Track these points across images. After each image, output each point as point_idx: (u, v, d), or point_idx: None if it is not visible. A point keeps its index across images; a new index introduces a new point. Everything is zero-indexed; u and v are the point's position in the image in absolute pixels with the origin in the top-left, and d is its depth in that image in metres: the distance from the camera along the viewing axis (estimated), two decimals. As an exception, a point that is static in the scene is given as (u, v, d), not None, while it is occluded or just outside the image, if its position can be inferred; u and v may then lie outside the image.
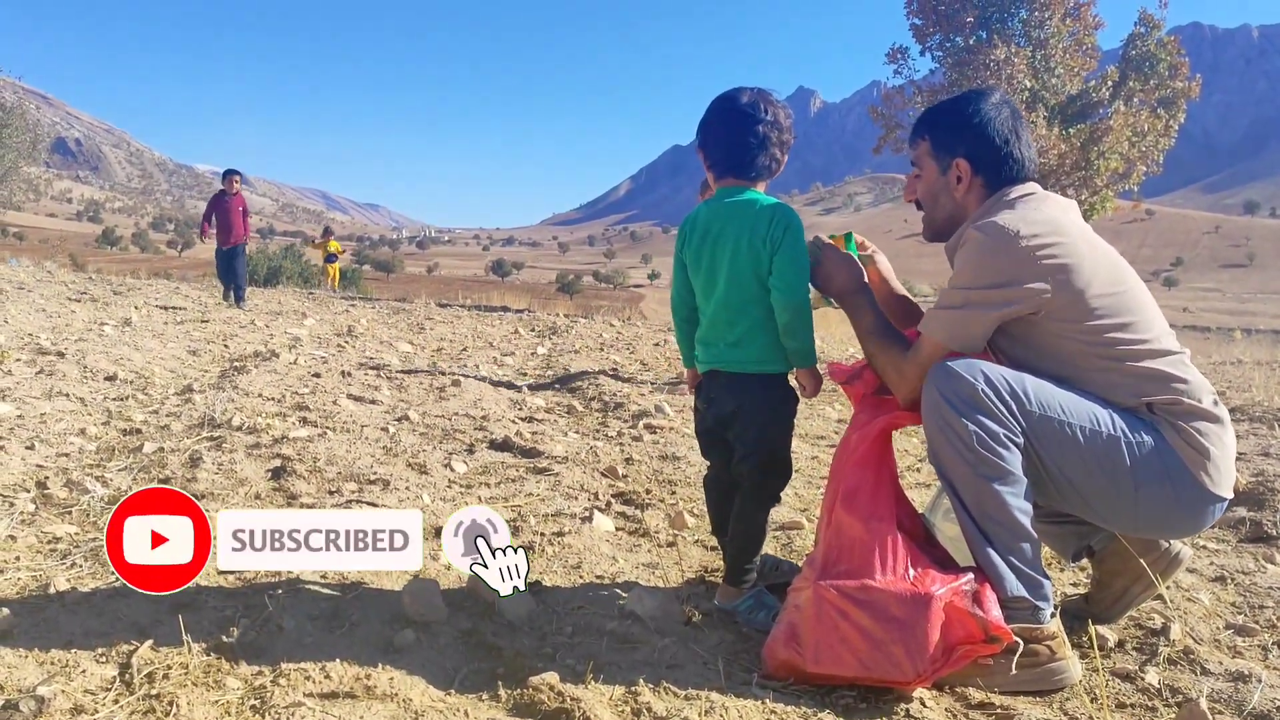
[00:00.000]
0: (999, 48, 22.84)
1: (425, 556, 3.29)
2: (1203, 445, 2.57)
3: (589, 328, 13.20)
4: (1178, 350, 2.68)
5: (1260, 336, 31.41)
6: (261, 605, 2.73)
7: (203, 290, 15.32)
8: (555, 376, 8.16)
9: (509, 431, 5.34)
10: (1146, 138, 23.38)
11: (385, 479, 4.23)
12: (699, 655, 2.64)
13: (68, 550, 3.18)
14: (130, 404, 5.55)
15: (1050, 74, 23.82)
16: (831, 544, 2.59)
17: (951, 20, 24.32)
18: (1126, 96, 23.93)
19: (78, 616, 2.60)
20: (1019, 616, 2.48)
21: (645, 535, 3.80)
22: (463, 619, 2.76)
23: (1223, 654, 2.81)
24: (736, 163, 2.95)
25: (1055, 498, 2.65)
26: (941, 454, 2.54)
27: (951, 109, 2.87)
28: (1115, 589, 2.97)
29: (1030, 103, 23.13)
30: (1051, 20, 23.94)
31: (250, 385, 5.97)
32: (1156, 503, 2.59)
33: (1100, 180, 23.39)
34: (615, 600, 2.99)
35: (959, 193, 2.82)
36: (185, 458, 4.35)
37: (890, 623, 2.41)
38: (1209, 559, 3.74)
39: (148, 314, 10.33)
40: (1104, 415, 2.56)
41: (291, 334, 9.62)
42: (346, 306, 14.52)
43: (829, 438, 6.17)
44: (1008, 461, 2.48)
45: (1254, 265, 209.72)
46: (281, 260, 41.95)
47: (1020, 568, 2.50)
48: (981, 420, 2.47)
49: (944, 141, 2.83)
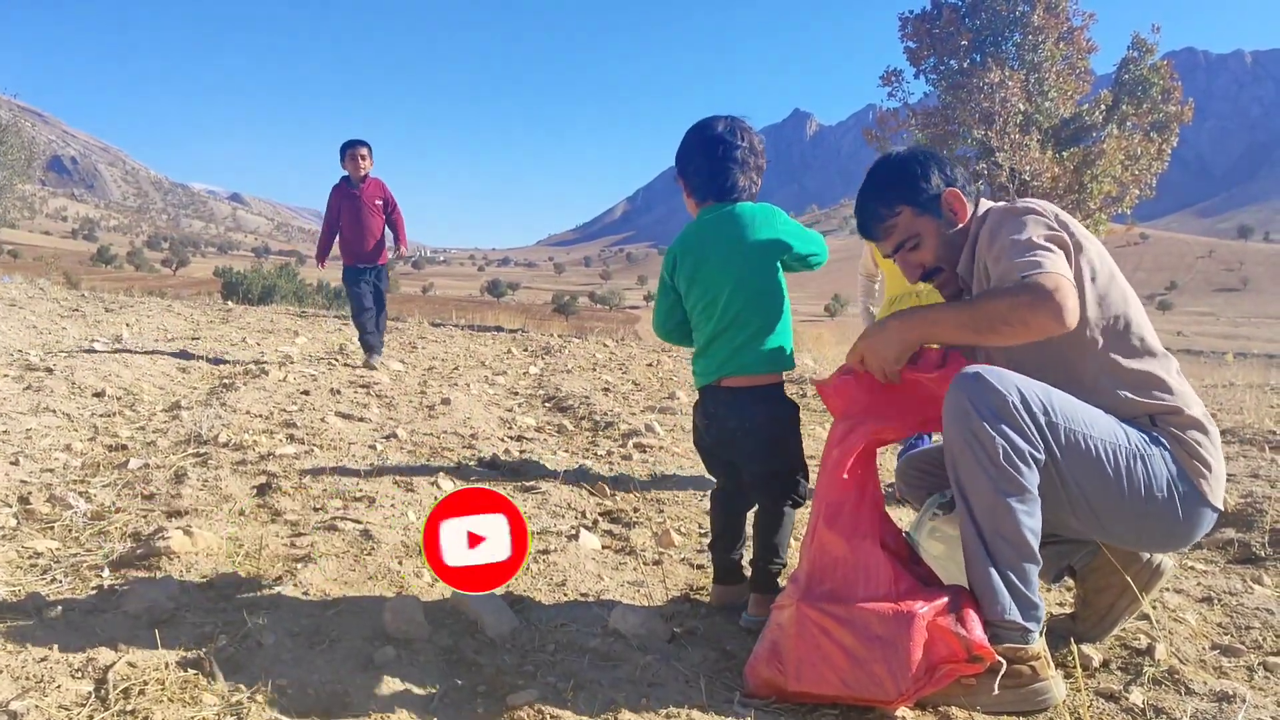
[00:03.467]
0: (993, 71, 22.97)
1: (410, 573, 3.28)
2: (1203, 456, 2.62)
3: (582, 348, 13.18)
4: (1165, 353, 2.72)
5: (1254, 360, 31.36)
6: (241, 621, 2.71)
7: (194, 308, 15.20)
8: (546, 395, 8.14)
9: (497, 450, 5.33)
10: (1139, 161, 23.52)
11: (371, 496, 4.22)
12: (681, 673, 2.62)
13: (48, 565, 3.16)
14: (117, 420, 5.53)
15: (1044, 97, 23.96)
16: (815, 562, 2.57)
17: (946, 43, 24.47)
18: (1120, 120, 24.07)
19: (55, 632, 2.58)
20: (1007, 637, 2.46)
21: (631, 553, 3.78)
22: (444, 636, 2.74)
23: (1208, 674, 2.80)
24: (719, 187, 3.07)
25: (1063, 513, 2.62)
26: (961, 463, 2.49)
27: (896, 170, 2.87)
28: (1100, 605, 2.96)
29: (1024, 126, 23.26)
30: (1045, 44, 24.10)
31: (238, 402, 5.95)
32: (1163, 516, 2.60)
33: (1094, 203, 23.51)
34: (599, 618, 2.97)
35: (963, 217, 2.82)
36: (170, 474, 4.34)
37: (873, 641, 2.39)
38: (1196, 580, 3.72)
39: (139, 331, 10.30)
40: (1121, 430, 2.57)
41: (283, 351, 9.58)
42: (339, 325, 14.48)
43: (818, 457, 6.14)
44: (1028, 479, 2.44)
45: (1248, 289, 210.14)
46: (276, 279, 41.96)
47: (1018, 588, 2.47)
48: (1009, 434, 2.42)
49: (921, 191, 2.82)
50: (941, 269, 2.87)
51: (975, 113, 23.35)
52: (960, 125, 23.98)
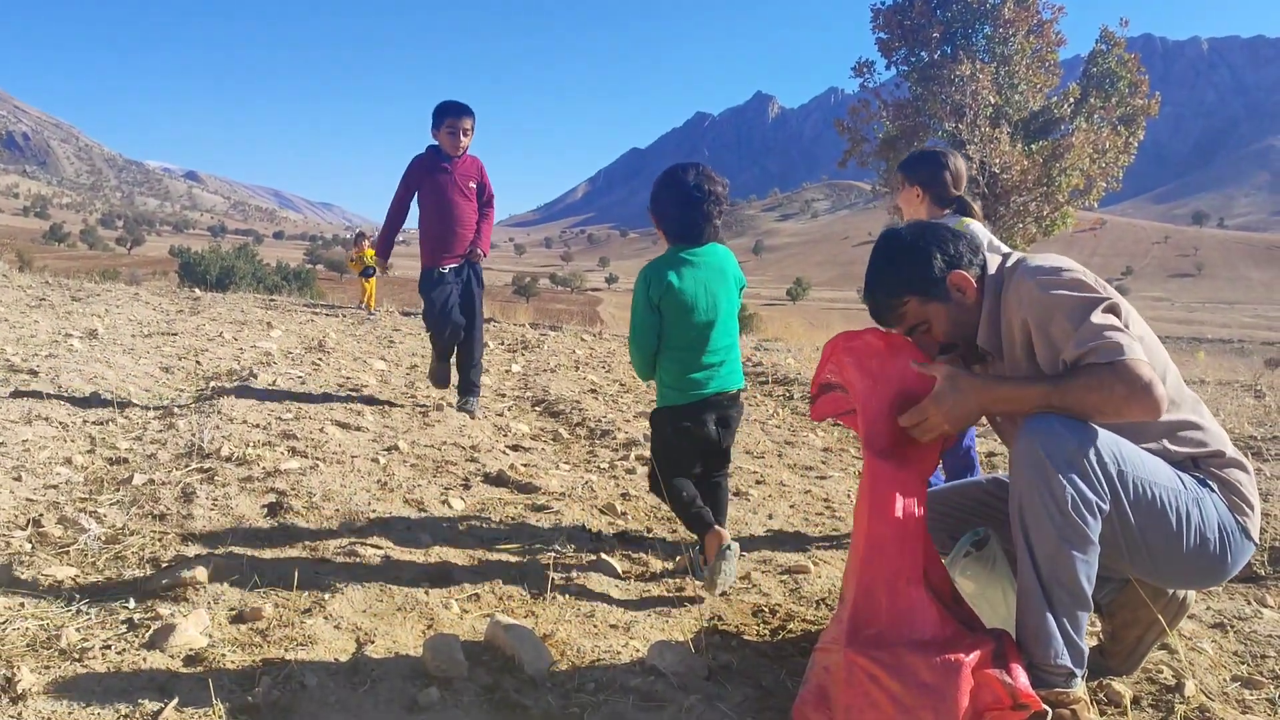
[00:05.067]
0: (964, 64, 23.12)
1: (437, 604, 3.28)
2: (1245, 495, 2.70)
3: (560, 342, 13.17)
4: (1194, 396, 2.78)
5: (1210, 346, 31.86)
6: (280, 660, 2.70)
7: (162, 297, 15.01)
8: (535, 399, 8.13)
9: (502, 464, 5.31)
10: (1107, 154, 23.77)
11: (384, 517, 4.20)
12: (726, 715, 2.64)
13: (72, 595, 3.12)
14: (112, 429, 5.47)
15: (1014, 90, 24.15)
16: (860, 605, 2.59)
17: (917, 35, 24.62)
18: (1088, 113, 24.33)
19: (94, 673, 2.56)
20: (1053, 682, 2.50)
21: (654, 578, 3.79)
22: (483, 674, 2.75)
23: (1234, 710, 2.85)
24: (689, 234, 3.70)
25: (1119, 558, 2.66)
26: (1028, 509, 2.52)
27: (899, 262, 2.87)
28: (1129, 640, 3.02)
29: (994, 119, 23.42)
30: (1015, 37, 24.30)
31: (233, 410, 5.89)
32: (1213, 557, 2.66)
33: (1062, 196, 23.76)
34: (633, 652, 2.99)
35: (971, 294, 2.84)
36: (178, 491, 4.30)
37: (921, 689, 2.42)
38: (1205, 603, 3.79)
39: (112, 325, 10.16)
40: (1177, 478, 2.63)
41: (261, 348, 9.50)
42: (310, 316, 14.37)
43: (817, 468, 6.20)
44: (1091, 529, 2.49)
45: (1202, 275, 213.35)
46: (235, 260, 41.52)
47: (1070, 634, 2.52)
48: (1078, 483, 2.46)
49: (924, 279, 2.83)
50: (956, 345, 2.91)
51: (946, 105, 23.54)
52: (931, 117, 24.16)
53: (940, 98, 23.63)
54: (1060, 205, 23.86)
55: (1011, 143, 23.11)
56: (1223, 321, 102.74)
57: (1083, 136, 23.19)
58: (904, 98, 25.39)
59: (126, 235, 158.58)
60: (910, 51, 24.81)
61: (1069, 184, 23.40)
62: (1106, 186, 24.15)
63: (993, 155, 22.68)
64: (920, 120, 23.78)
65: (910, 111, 24.29)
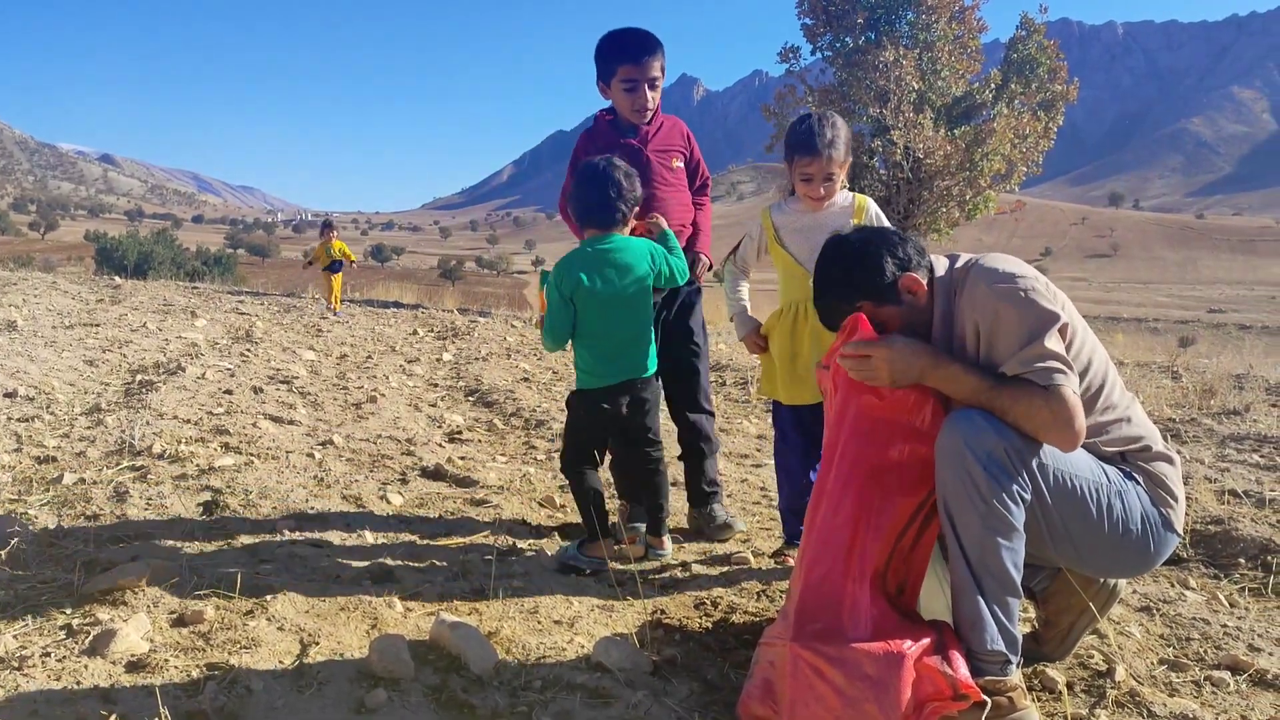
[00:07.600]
0: (887, 49, 23.32)
1: (380, 603, 3.27)
2: (1169, 487, 2.82)
3: (490, 329, 13.11)
4: (1131, 396, 2.89)
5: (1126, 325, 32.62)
6: (224, 664, 2.69)
7: (81, 285, 14.67)
8: (468, 389, 8.10)
9: (439, 458, 5.30)
10: (1027, 139, 24.16)
11: (323, 514, 4.18)
12: (673, 710, 2.67)
13: (8, 601, 3.07)
14: (38, 425, 5.36)
15: (937, 76, 24.44)
16: (806, 599, 2.64)
17: (841, 21, 24.78)
18: (1009, 99, 24.70)
19: (35, 681, 2.53)
20: (989, 669, 2.58)
21: (595, 573, 3.81)
22: (430, 674, 2.75)
23: (1162, 692, 2.94)
24: (599, 218, 3.79)
25: (1044, 546, 2.76)
26: (953, 500, 2.60)
27: (850, 268, 2.90)
28: (1062, 626, 3.11)
29: (918, 104, 23.67)
30: (938, 23, 24.55)
31: (163, 404, 5.81)
32: (1136, 546, 2.78)
33: (984, 181, 24.11)
34: (578, 648, 3.01)
35: (922, 295, 2.88)
36: (110, 490, 4.23)
37: (864, 681, 2.47)
38: (1131, 587, 3.89)
39: (31, 315, 9.93)
40: (1101, 470, 2.74)
41: (187, 339, 9.36)
42: (235, 304, 14.14)
43: (752, 455, 6.25)
44: (1016, 518, 2.58)
45: (1118, 255, 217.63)
46: (154, 245, 40.61)
47: (1002, 621, 2.61)
48: (1000, 475, 2.55)
49: (876, 285, 2.87)
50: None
51: (870, 90, 23.74)
52: (856, 103, 24.36)
53: (865, 83, 23.85)
54: (982, 189, 24.23)
55: (935, 128, 23.40)
56: (1138, 301, 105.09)
57: (1004, 122, 23.54)
58: (829, 83, 25.60)
59: (40, 220, 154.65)
60: (835, 37, 25.04)
61: (991, 168, 23.75)
62: (1027, 171, 24.55)
63: (916, 140, 22.94)
64: (845, 106, 23.96)
65: (835, 97, 24.47)
